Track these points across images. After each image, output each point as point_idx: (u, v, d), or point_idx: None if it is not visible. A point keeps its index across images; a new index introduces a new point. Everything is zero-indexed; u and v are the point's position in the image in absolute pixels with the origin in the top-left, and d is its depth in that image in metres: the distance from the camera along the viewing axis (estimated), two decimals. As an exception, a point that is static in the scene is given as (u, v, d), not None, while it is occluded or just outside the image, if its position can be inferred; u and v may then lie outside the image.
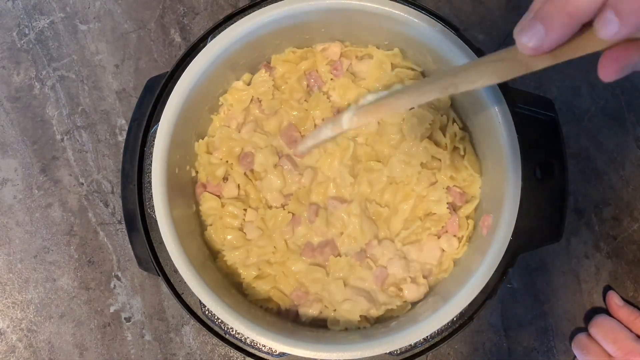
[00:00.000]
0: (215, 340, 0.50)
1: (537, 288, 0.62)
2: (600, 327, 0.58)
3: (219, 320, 0.49)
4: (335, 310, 0.55)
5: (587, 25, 0.27)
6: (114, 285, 0.63)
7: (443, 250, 0.55)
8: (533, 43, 0.28)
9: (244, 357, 0.50)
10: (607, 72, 0.29)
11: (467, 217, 0.56)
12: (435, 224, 0.55)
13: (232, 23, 0.52)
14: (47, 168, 0.66)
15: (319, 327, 0.55)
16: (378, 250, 0.55)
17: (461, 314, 0.48)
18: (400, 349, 0.48)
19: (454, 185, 0.56)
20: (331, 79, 0.59)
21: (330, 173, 0.56)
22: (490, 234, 0.50)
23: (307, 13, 0.53)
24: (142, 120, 0.52)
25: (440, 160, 0.56)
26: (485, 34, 0.66)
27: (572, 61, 0.33)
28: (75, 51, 0.68)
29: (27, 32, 0.68)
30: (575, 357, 0.60)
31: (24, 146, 0.66)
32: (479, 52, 0.51)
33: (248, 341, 0.49)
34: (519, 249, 0.49)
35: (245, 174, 0.57)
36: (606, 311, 0.61)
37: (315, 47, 0.59)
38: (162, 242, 0.50)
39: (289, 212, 0.56)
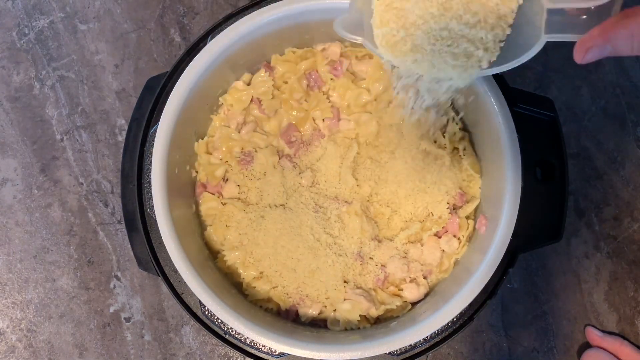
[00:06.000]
0: (215, 340, 0.50)
1: (537, 288, 0.62)
2: None
3: (219, 321, 0.49)
4: (335, 310, 0.55)
5: None
6: (114, 286, 0.63)
7: (443, 250, 0.55)
8: None
9: (243, 357, 0.50)
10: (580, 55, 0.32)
11: (468, 218, 0.56)
12: (436, 224, 0.55)
13: (232, 23, 0.52)
14: (47, 168, 0.65)
15: (319, 327, 0.55)
16: (378, 250, 0.55)
17: (461, 314, 0.48)
18: (400, 349, 0.48)
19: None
20: (331, 79, 0.58)
21: (330, 173, 0.56)
22: (490, 234, 0.50)
23: (307, 13, 0.53)
24: (141, 120, 0.52)
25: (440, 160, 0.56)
26: (486, 34, 0.65)
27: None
28: (75, 51, 0.67)
29: (26, 32, 0.68)
30: (577, 356, 0.60)
31: (23, 146, 0.66)
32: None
33: (248, 341, 0.49)
34: (519, 249, 0.49)
35: (245, 174, 0.57)
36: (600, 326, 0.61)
37: (315, 47, 0.59)
38: (161, 242, 0.50)
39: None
